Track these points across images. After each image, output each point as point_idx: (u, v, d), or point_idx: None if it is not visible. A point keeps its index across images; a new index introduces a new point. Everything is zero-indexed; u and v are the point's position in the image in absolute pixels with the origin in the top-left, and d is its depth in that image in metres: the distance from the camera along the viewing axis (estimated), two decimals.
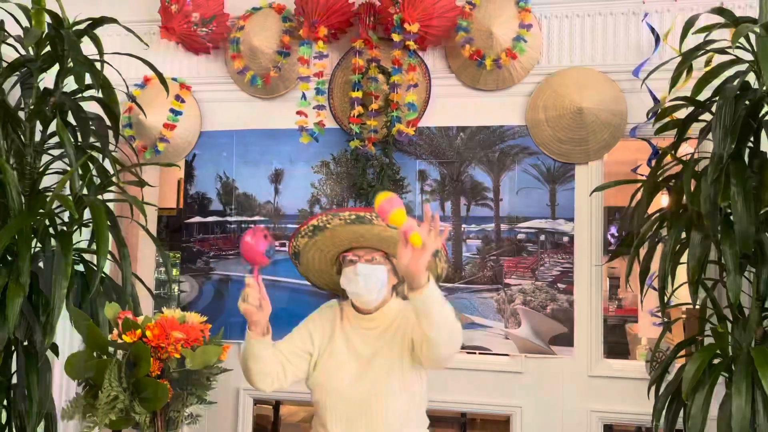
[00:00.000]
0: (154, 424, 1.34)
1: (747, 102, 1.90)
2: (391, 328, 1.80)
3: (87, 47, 2.23)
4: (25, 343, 2.07)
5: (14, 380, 2.10)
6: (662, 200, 2.60)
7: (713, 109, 1.95)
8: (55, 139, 2.27)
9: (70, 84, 2.25)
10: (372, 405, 1.72)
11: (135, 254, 3.27)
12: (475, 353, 2.57)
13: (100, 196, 2.25)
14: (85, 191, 2.22)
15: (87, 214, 2.10)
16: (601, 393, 2.48)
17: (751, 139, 2.02)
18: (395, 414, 1.72)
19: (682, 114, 2.19)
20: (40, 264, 2.12)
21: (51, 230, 2.20)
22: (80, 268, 2.19)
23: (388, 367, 1.74)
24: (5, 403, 2.08)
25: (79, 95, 2.31)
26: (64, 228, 2.12)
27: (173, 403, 1.34)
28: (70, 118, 2.23)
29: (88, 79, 2.14)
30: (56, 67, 2.30)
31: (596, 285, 2.51)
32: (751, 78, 1.99)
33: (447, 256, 1.85)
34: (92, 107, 2.36)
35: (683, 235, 2.01)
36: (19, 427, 1.96)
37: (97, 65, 2.22)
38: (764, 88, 1.92)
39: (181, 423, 1.40)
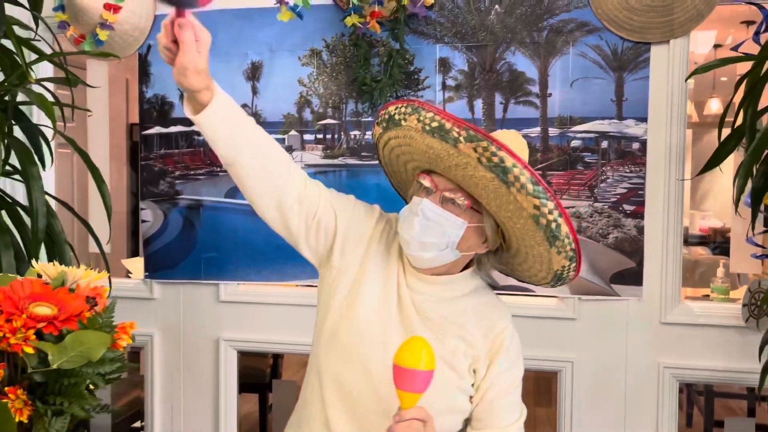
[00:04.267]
0: None
1: None
2: (456, 314, 1.21)
3: None
4: None
5: None
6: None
7: None
8: None
9: None
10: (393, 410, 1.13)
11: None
12: (513, 295, 2.01)
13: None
14: None
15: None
16: (677, 344, 1.92)
17: None
18: None
19: None
20: None
21: None
22: None
23: (442, 373, 1.15)
24: None
25: None
26: None
27: (35, 424, 0.80)
28: None
29: None
30: None
31: (676, 206, 1.90)
32: None
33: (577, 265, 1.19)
34: None
35: None
36: None
37: None
38: None
39: None
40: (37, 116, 2.31)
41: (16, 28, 1.82)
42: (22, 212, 1.59)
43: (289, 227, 1.23)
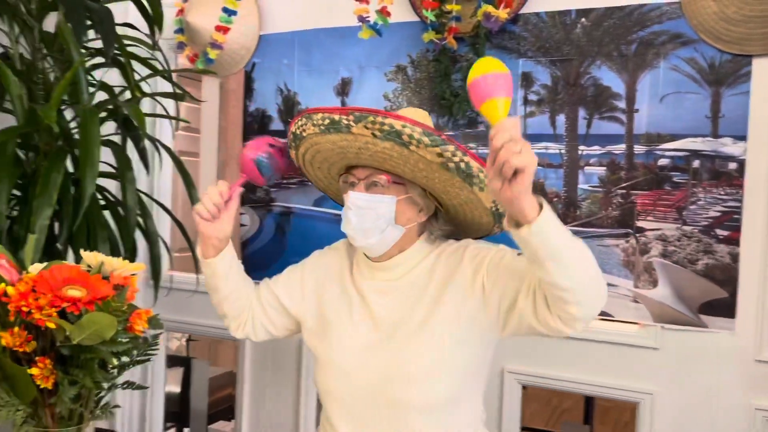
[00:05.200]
0: (40, 420, 0.93)
1: None
2: (422, 277, 1.26)
3: None
4: None
5: None
6: None
7: None
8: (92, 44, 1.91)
9: None
10: (392, 394, 1.20)
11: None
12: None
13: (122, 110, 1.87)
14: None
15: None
16: None
17: None
18: (429, 408, 1.19)
19: None
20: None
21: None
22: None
23: (420, 338, 1.21)
24: None
25: None
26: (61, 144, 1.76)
27: (59, 393, 0.92)
28: None
29: None
30: None
31: None
32: None
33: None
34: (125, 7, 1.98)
35: None
36: None
37: None
38: None
39: (89, 418, 0.97)
40: (159, 128, 2.58)
41: (137, 49, 2.06)
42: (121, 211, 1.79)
43: (258, 329, 1.43)
